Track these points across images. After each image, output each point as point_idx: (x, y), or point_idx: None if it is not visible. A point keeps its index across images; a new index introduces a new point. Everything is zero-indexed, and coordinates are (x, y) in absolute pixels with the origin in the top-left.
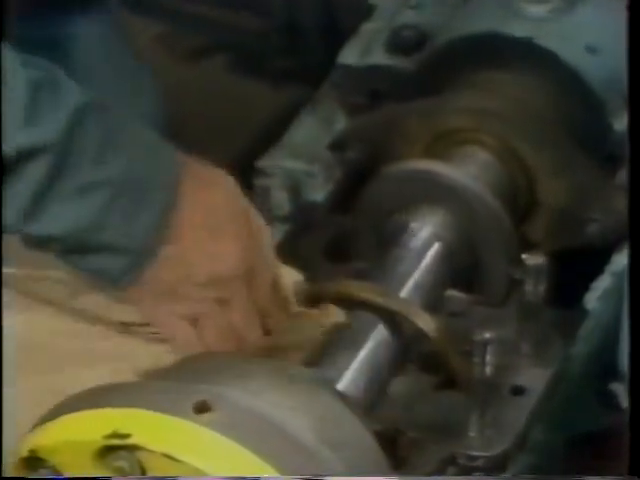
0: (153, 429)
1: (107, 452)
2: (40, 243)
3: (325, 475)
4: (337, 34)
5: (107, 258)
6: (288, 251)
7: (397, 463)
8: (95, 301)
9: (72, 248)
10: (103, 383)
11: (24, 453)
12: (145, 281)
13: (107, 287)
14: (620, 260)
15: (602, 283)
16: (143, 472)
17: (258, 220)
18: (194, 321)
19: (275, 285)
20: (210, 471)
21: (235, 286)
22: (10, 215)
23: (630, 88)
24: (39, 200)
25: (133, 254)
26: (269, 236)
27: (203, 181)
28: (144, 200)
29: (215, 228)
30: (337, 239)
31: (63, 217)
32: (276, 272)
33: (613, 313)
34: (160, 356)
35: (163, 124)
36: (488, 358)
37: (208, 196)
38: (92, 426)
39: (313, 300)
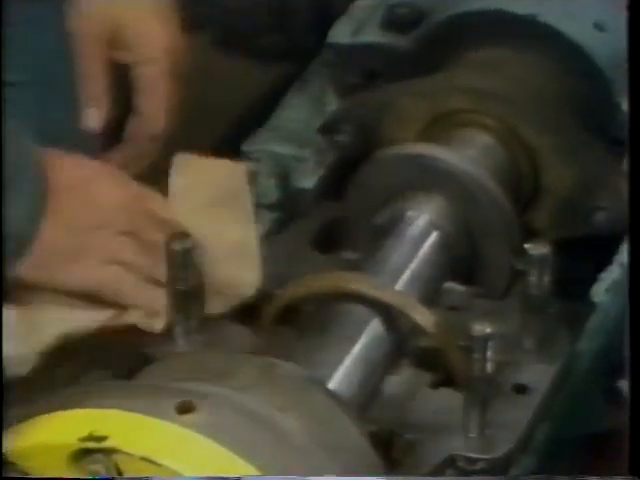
0: (131, 431)
1: (82, 455)
2: None
3: (315, 478)
4: (329, 10)
5: None
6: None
7: (392, 466)
8: None
9: None
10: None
11: None
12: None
13: None
14: None
15: (610, 274)
16: (120, 476)
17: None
18: None
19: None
20: (192, 475)
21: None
22: None
23: (630, 74)
24: None
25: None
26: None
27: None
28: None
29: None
30: (328, 228)
31: None
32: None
33: (622, 306)
34: None
35: None
36: (489, 354)
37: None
38: (67, 428)
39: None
